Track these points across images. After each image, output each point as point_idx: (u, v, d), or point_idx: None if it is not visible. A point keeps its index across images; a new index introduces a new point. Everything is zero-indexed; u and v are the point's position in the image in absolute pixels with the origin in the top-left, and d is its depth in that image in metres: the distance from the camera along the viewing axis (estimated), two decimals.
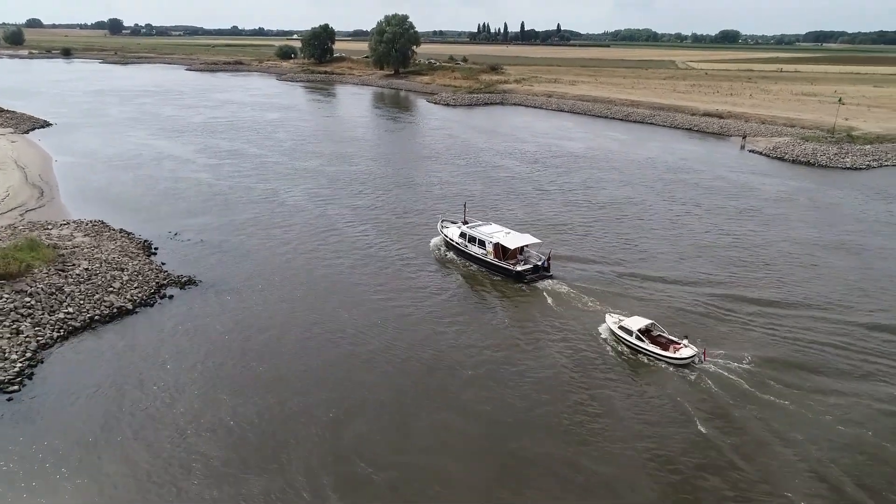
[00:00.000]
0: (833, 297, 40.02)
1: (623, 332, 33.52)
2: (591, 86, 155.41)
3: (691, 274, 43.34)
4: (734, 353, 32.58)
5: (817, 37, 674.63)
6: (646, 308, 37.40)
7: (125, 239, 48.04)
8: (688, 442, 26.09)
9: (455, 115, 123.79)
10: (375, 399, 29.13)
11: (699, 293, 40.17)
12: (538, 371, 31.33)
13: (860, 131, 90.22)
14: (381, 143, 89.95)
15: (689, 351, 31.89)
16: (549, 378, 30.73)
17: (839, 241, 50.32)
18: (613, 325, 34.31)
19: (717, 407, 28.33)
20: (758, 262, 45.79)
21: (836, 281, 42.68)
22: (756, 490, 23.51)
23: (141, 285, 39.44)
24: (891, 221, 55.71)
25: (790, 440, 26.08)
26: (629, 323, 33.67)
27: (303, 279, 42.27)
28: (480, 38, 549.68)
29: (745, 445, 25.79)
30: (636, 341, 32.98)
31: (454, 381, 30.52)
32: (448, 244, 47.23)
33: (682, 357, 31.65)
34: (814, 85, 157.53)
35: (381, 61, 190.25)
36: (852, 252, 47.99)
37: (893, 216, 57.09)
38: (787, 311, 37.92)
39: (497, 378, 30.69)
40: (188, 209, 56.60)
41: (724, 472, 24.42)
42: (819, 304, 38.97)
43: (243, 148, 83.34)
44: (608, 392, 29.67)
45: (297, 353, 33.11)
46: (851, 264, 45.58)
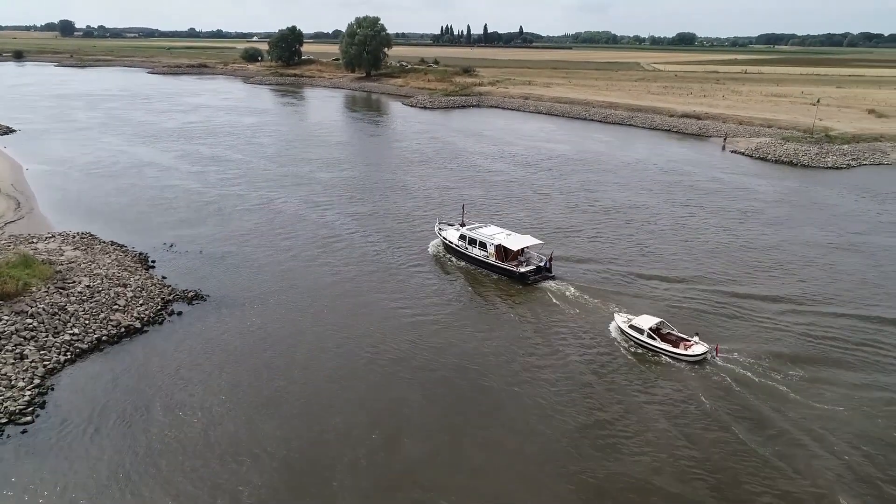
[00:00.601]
0: (839, 293, 40.70)
1: (634, 331, 33.59)
2: (565, 88, 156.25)
3: (697, 273, 43.56)
4: (745, 348, 33.00)
5: (769, 39, 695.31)
6: (652, 307, 37.52)
7: (119, 252, 45.60)
8: (716, 438, 26.32)
9: (434, 117, 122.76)
10: (417, 416, 27.93)
11: (705, 291, 40.52)
12: (563, 379, 30.64)
13: (836, 131, 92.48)
14: (368, 147, 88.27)
15: (702, 347, 32.18)
16: (574, 385, 30.15)
17: (843, 240, 50.99)
18: (623, 324, 34.37)
19: (736, 402, 28.66)
20: (762, 261, 46.18)
21: (842, 277, 43.34)
22: (788, 483, 23.85)
23: (146, 302, 37.31)
24: (889, 220, 56.70)
25: (811, 431, 26.62)
26: (639, 322, 33.73)
27: (313, 290, 40.78)
28: (444, 40, 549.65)
29: (770, 439, 26.18)
30: (648, 340, 33.04)
31: (491, 392, 29.50)
32: (447, 247, 46.74)
33: (696, 354, 31.87)
34: (779, 86, 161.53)
35: (352, 64, 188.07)
36: (857, 250, 48.63)
37: (890, 214, 58.20)
38: (793, 306, 38.54)
39: (529, 387, 29.89)
40: (181, 219, 54.21)
41: (754, 464, 24.79)
42: (826, 300, 39.69)
43: (226, 154, 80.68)
44: (633, 395, 29.53)
45: (325, 369, 31.62)
46: (857, 261, 46.18)
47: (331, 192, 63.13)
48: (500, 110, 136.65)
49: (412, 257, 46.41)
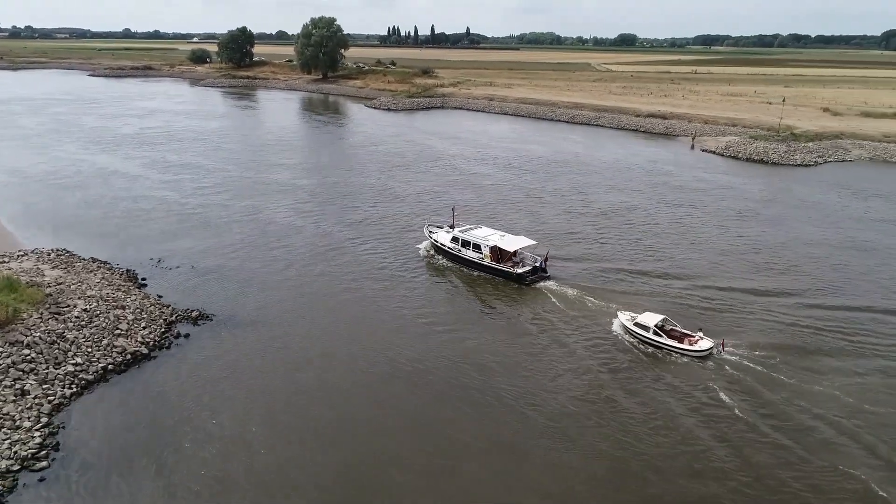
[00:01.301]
0: (835, 286, 42.04)
1: (640, 329, 33.85)
2: (527, 89, 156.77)
3: (694, 270, 44.29)
4: (748, 342, 33.71)
5: (705, 40, 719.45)
6: (653, 304, 37.72)
7: (105, 270, 42.37)
8: (739, 430, 26.83)
9: (401, 120, 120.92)
10: (465, 435, 26.50)
11: (703, 288, 41.33)
12: (585, 386, 30.23)
13: (800, 130, 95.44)
14: (345, 152, 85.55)
15: (708, 343, 32.71)
16: (591, 390, 29.90)
17: (836, 235, 52.18)
18: (627, 322, 34.62)
19: (748, 393, 29.32)
20: (757, 257, 47.12)
21: (836, 271, 44.73)
22: (809, 466, 24.75)
23: (149, 324, 34.56)
24: (875, 217, 58.29)
25: (822, 416, 27.57)
26: (644, 319, 33.98)
27: (321, 303, 39.01)
28: (391, 41, 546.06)
29: (784, 426, 26.95)
30: (654, 337, 33.34)
31: (542, 408, 28.29)
32: (438, 249, 46.17)
33: (702, 349, 32.37)
34: (731, 86, 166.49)
35: (308, 65, 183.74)
36: (850, 246, 49.67)
37: (875, 211, 59.94)
38: (790, 300, 39.54)
39: (563, 398, 29.18)
40: (163, 232, 50.98)
41: (774, 450, 25.60)
42: (822, 292, 40.83)
43: (196, 161, 76.84)
44: (654, 394, 29.65)
45: (353, 389, 29.89)
46: (850, 256, 47.25)
47: (318, 199, 60.74)
48: (465, 112, 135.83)
49: (411, 263, 45.52)
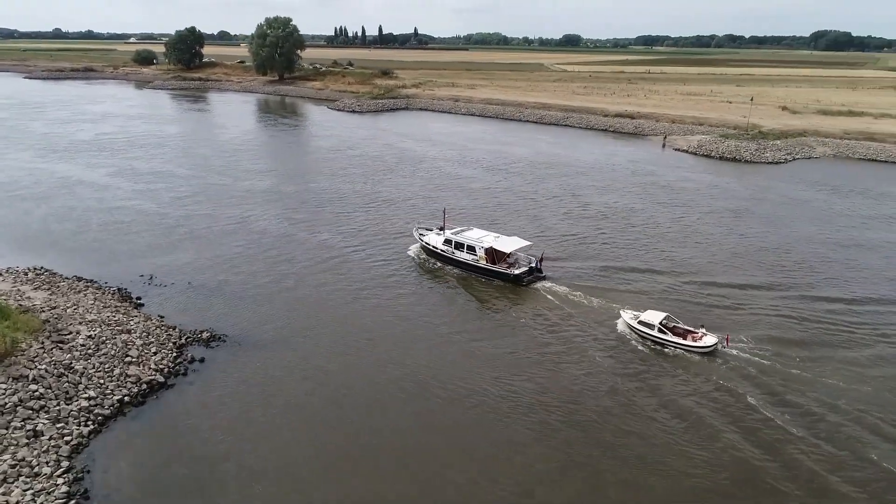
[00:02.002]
0: (832, 279, 43.33)
1: (644, 327, 34.13)
2: (490, 89, 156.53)
3: (692, 268, 44.97)
4: (751, 336, 34.39)
5: (646, 41, 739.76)
6: (654, 302, 38.06)
7: (94, 290, 39.20)
8: (750, 420, 27.52)
9: (369, 122, 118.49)
10: (529, 458, 25.20)
11: (702, 284, 41.81)
12: (596, 386, 30.18)
13: (766, 128, 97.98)
14: (321, 156, 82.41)
15: (712, 338, 33.11)
16: (607, 391, 29.83)
17: (829, 231, 53.27)
18: (631, 320, 34.93)
19: (757, 386, 29.93)
20: (752, 253, 48.00)
21: (832, 265, 46.07)
22: (821, 451, 25.69)
23: (159, 349, 31.93)
24: (864, 213, 59.83)
25: (828, 403, 28.65)
26: (648, 317, 34.27)
27: (329, 315, 37.21)
28: (339, 41, 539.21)
29: (796, 414, 27.85)
30: (659, 334, 33.66)
31: (599, 422, 27.35)
32: (430, 251, 45.59)
33: (707, 345, 32.78)
34: (686, 85, 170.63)
35: (264, 66, 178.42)
36: (843, 242, 50.74)
37: (859, 207, 61.67)
38: (790, 294, 40.51)
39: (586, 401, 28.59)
40: (150, 246, 47.72)
41: (786, 437, 26.51)
42: (817, 286, 42.02)
43: (168, 168, 72.78)
44: (664, 390, 29.89)
45: (401, 411, 28.12)
46: (846, 251, 48.29)
47: (307, 207, 58.19)
48: (431, 113, 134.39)
49: (407, 268, 44.64)
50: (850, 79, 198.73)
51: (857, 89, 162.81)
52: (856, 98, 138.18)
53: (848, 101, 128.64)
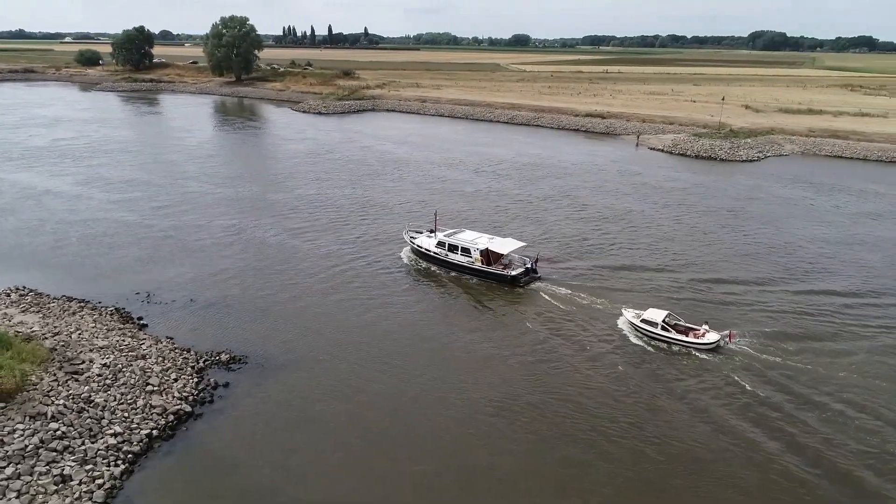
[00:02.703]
0: (829, 274, 44.36)
1: (647, 325, 34.32)
2: (456, 90, 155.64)
3: (692, 266, 45.49)
4: (753, 332, 34.94)
5: (593, 40, 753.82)
6: (651, 300, 38.27)
7: (89, 311, 36.31)
8: (759, 411, 28.08)
9: (338, 124, 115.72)
10: (597, 478, 24.19)
11: (700, 281, 42.34)
12: (606, 386, 30.17)
13: (735, 127, 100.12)
14: (302, 161, 78.90)
15: (715, 335, 33.44)
16: (618, 390, 29.80)
17: (822, 228, 54.32)
18: (634, 319, 35.06)
19: (767, 381, 30.36)
20: (750, 251, 48.79)
21: (827, 260, 47.19)
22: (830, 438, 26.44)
23: (179, 375, 29.54)
24: (851, 210, 61.27)
25: (832, 393, 29.42)
26: (650, 315, 34.51)
27: (348, 330, 35.53)
28: (287, 41, 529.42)
29: (802, 406, 28.49)
30: (662, 332, 33.86)
31: (587, 416, 26.68)
32: (422, 254, 44.90)
33: (710, 342, 33.12)
34: (647, 84, 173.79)
35: (220, 67, 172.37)
36: (836, 238, 51.82)
37: (844, 204, 63.26)
38: (789, 289, 41.38)
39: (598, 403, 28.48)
40: (140, 260, 44.69)
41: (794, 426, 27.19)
42: (819, 281, 42.96)
43: (141, 176, 68.79)
44: (674, 387, 30.13)
45: (459, 435, 26.65)
46: (840, 246, 49.36)
47: (299, 214, 55.75)
48: (399, 114, 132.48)
49: (413, 273, 43.63)
50: (798, 78, 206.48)
51: (807, 88, 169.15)
52: (809, 96, 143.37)
53: (804, 100, 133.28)
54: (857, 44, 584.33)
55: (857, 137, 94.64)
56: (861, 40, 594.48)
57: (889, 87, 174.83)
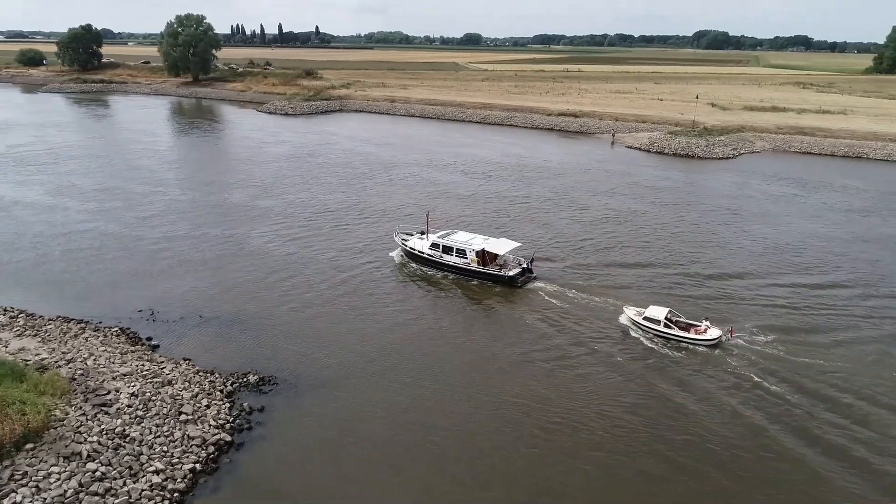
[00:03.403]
0: (825, 269, 45.23)
1: (650, 323, 34.65)
2: (424, 90, 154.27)
3: (687, 262, 46.09)
4: (753, 327, 35.48)
5: (543, 40, 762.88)
6: (651, 297, 38.73)
7: (92, 332, 33.79)
8: (768, 403, 28.67)
9: (309, 126, 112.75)
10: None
11: (702, 279, 42.87)
12: (618, 386, 30.18)
13: (708, 125, 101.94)
14: (284, 164, 75.40)
15: (717, 331, 33.90)
16: (628, 388, 29.95)
17: (815, 224, 55.40)
18: (635, 316, 35.48)
19: (769, 373, 30.95)
20: (745, 247, 49.65)
21: (822, 255, 48.21)
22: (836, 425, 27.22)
23: (210, 401, 27.54)
24: (841, 207, 62.66)
25: (835, 384, 30.16)
26: (652, 313, 34.84)
27: (379, 341, 34.11)
28: (236, 40, 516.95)
29: (808, 396, 29.17)
30: (665, 329, 34.23)
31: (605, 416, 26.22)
32: (415, 256, 44.30)
33: (712, 338, 33.57)
34: (610, 83, 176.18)
35: (177, 67, 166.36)
36: (829, 234, 52.96)
37: (833, 201, 64.76)
38: (787, 283, 42.31)
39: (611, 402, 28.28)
40: (134, 274, 41.96)
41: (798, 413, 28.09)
42: (816, 276, 43.98)
43: (116, 184, 64.93)
44: (685, 381, 30.56)
45: (514, 453, 25.56)
46: (834, 242, 50.36)
47: (295, 221, 53.49)
48: (369, 114, 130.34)
49: (448, 286, 41.79)
50: (752, 76, 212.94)
51: (763, 86, 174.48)
52: (766, 94, 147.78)
53: (764, 98, 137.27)
54: (793, 43, 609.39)
55: (824, 134, 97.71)
56: (798, 39, 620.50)
57: (837, 84, 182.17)
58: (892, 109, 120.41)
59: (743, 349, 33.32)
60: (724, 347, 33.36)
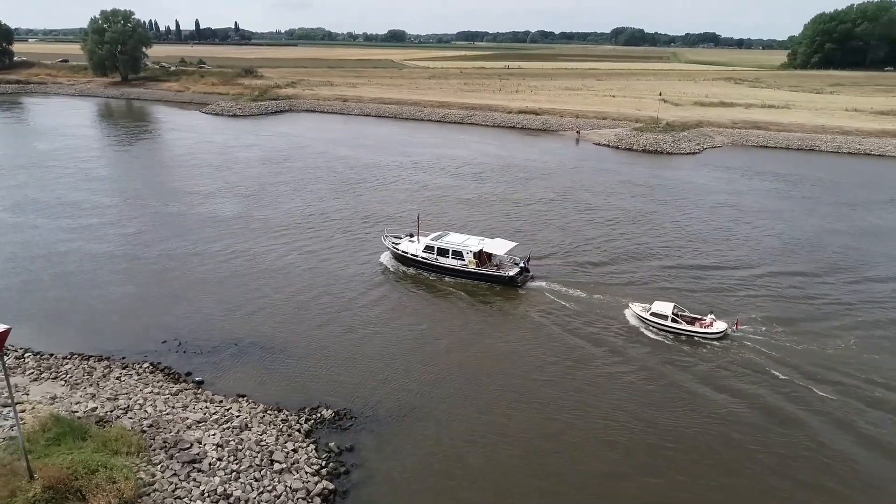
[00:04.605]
0: (821, 260, 46.68)
1: (657, 318, 35.10)
2: (374, 88, 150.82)
3: (685, 258, 46.62)
4: (757, 318, 36.21)
5: (467, 36, 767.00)
6: (650, 293, 39.28)
7: (120, 369, 29.98)
8: (785, 389, 29.53)
9: (263, 127, 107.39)
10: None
11: (701, 273, 43.63)
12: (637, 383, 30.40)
13: (668, 121, 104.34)
14: (263, 171, 69.47)
15: (722, 324, 34.60)
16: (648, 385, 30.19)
17: (809, 217, 57.18)
18: (642, 312, 35.84)
19: (776, 362, 31.72)
20: (741, 241, 50.71)
21: (815, 246, 49.93)
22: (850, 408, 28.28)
23: (296, 445, 24.72)
24: (830, 201, 64.77)
25: (839, 370, 31.15)
26: (659, 308, 35.30)
27: (439, 359, 32.25)
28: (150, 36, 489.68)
29: (821, 383, 30.02)
30: (672, 324, 34.72)
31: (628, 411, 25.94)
32: (407, 259, 43.27)
33: (718, 331, 34.20)
34: (554, 80, 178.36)
35: (104, 66, 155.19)
36: (822, 227, 54.83)
37: (820, 194, 67.16)
38: (784, 273, 43.58)
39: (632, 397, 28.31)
40: (142, 299, 37.89)
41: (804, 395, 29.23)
42: (813, 267, 45.16)
43: (83, 197, 58.69)
44: (695, 375, 30.99)
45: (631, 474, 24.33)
46: (826, 234, 52.13)
47: (301, 232, 49.92)
48: (321, 114, 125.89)
49: (496, 299, 39.71)
50: (686, 72, 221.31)
51: (698, 82, 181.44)
52: (705, 90, 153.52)
53: (708, 93, 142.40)
54: (703, 39, 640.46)
55: (777, 128, 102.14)
56: (707, 36, 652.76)
57: (763, 79, 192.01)
58: (826, 104, 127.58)
59: (749, 340, 33.97)
60: (730, 339, 33.89)
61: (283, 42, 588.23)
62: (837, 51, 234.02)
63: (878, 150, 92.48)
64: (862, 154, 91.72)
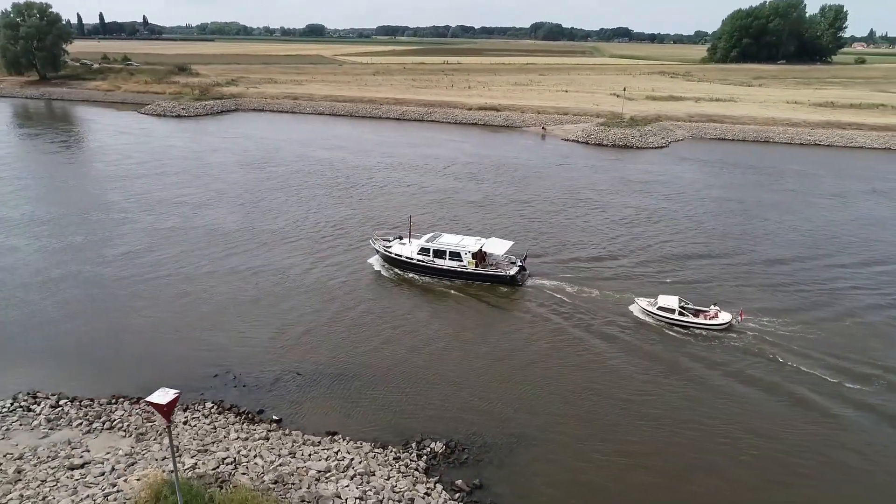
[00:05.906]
0: (817, 251, 48.21)
1: (664, 312, 35.63)
2: (322, 86, 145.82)
3: (682, 253, 47.23)
4: (759, 308, 37.14)
5: (387, 31, 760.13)
6: (651, 287, 39.79)
7: (181, 410, 26.64)
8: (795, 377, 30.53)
9: (214, 128, 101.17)
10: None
11: (700, 266, 44.38)
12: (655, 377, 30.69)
13: (630, 115, 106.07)
14: (245, 177, 64.45)
15: (727, 315, 35.34)
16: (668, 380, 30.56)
17: (804, 209, 59.18)
18: (648, 306, 36.30)
19: (784, 350, 32.80)
20: (736, 234, 52.07)
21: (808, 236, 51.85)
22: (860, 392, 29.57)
23: (426, 488, 22.44)
24: (818, 193, 67.04)
25: (841, 355, 32.39)
26: (665, 302, 35.86)
27: (529, 379, 30.66)
28: None
29: (828, 369, 31.16)
30: (679, 317, 35.32)
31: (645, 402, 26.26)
32: (401, 262, 42.33)
33: (724, 322, 34.96)
34: (498, 75, 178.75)
35: (18, 64, 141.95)
36: (814, 218, 56.95)
37: (806, 186, 69.62)
38: (782, 264, 44.82)
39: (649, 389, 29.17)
40: (172, 328, 34.21)
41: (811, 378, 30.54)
42: (811, 259, 46.41)
43: (57, 211, 52.38)
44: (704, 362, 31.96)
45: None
46: (802, 225, 54.19)
47: (320, 245, 46.49)
48: (272, 114, 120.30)
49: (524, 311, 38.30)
50: (622, 67, 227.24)
51: (635, 76, 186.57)
52: (645, 84, 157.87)
53: (647, 87, 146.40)
54: (617, 34, 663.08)
55: (731, 121, 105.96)
56: (620, 31, 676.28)
57: (693, 73, 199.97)
58: (766, 97, 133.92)
59: (754, 330, 34.78)
60: (735, 330, 34.58)
61: (196, 37, 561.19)
62: (753, 45, 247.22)
63: (826, 140, 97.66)
64: (813, 144, 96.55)
